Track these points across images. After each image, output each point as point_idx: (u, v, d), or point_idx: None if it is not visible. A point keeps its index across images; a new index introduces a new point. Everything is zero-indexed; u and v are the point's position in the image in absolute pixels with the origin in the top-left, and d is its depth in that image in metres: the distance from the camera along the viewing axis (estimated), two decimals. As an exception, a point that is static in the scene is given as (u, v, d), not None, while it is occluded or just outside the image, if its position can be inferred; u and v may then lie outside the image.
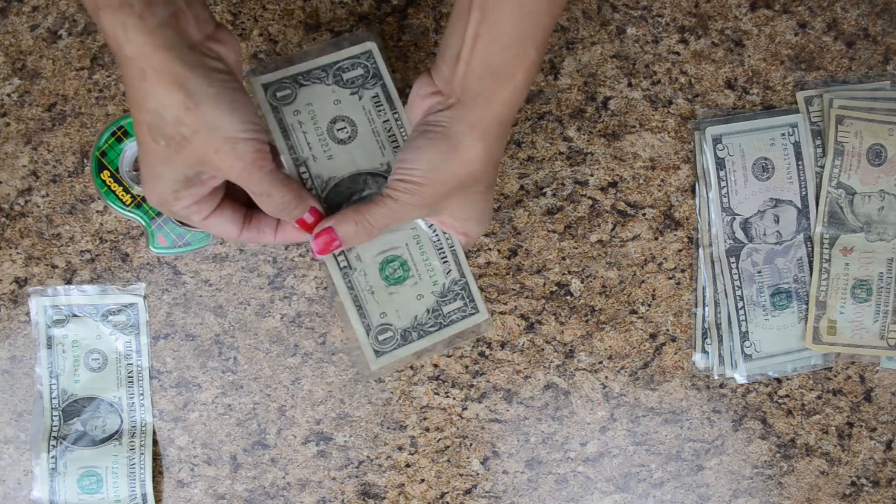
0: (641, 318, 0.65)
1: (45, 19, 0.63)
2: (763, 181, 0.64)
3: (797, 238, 0.64)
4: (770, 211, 0.64)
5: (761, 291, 0.64)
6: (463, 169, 0.47)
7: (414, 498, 0.65)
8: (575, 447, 0.65)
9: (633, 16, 0.64)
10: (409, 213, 0.49)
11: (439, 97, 0.48)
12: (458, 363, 0.64)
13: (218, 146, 0.42)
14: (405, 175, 0.47)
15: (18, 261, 0.63)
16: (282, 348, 0.64)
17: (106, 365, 0.63)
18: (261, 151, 0.44)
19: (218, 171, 0.44)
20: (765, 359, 0.64)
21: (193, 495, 0.64)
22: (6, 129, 0.63)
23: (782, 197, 0.64)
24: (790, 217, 0.64)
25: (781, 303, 0.64)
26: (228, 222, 0.49)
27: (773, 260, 0.64)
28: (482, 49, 0.44)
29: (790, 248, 0.64)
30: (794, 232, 0.64)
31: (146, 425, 0.63)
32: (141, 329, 0.63)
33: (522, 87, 0.46)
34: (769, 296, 0.64)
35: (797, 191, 0.64)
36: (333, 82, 0.53)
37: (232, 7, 0.63)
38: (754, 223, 0.64)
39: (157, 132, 0.42)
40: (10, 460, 0.64)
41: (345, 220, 0.49)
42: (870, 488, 0.66)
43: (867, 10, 0.64)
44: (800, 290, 0.64)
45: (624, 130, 0.64)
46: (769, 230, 0.64)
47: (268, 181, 0.45)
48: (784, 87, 0.64)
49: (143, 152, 0.44)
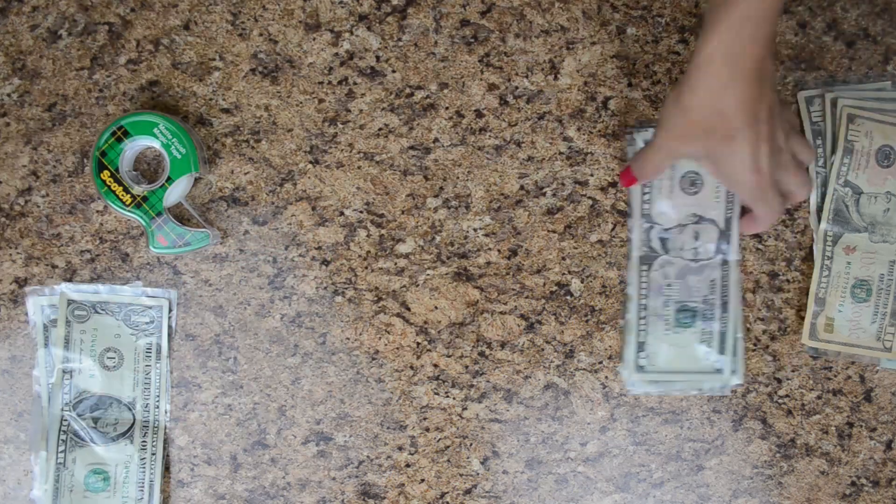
0: (641, 318, 0.65)
1: (45, 19, 0.63)
2: (689, 195, 0.63)
3: (714, 259, 0.63)
4: (691, 226, 0.63)
5: (667, 305, 0.63)
6: (698, 59, 0.49)
7: (414, 498, 0.65)
8: (575, 447, 0.65)
9: (633, 16, 0.64)
10: (673, 144, 0.53)
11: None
12: (458, 363, 0.64)
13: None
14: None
15: (18, 261, 0.63)
16: (282, 348, 0.64)
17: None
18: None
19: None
20: (657, 373, 0.63)
21: (193, 495, 0.64)
22: (6, 129, 0.63)
23: (706, 215, 0.63)
24: (711, 236, 0.63)
25: (685, 321, 0.63)
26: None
27: (686, 276, 0.63)
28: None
29: (705, 267, 0.63)
30: (712, 252, 0.63)
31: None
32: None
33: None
34: (674, 311, 0.63)
35: (722, 211, 0.63)
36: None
37: (232, 7, 0.63)
38: (673, 236, 0.63)
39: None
40: (10, 460, 0.64)
41: (634, 159, 0.57)
42: (870, 488, 0.66)
43: (867, 10, 0.64)
44: (706, 312, 0.63)
45: (624, 130, 0.64)
46: (687, 245, 0.63)
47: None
48: (784, 87, 0.64)
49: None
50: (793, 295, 0.65)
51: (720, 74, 0.48)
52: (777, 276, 0.65)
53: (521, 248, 0.64)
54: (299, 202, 0.64)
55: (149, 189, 0.61)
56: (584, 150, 0.64)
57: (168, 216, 0.61)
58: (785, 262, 0.65)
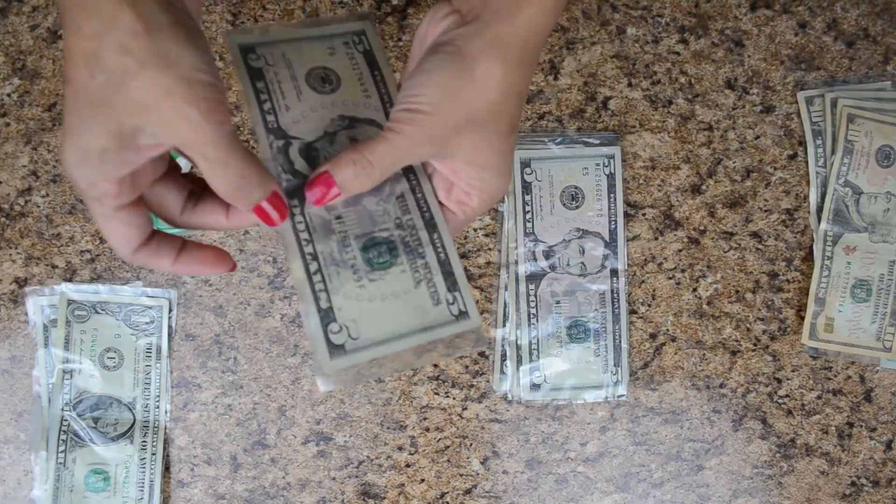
0: (641, 318, 0.65)
1: (45, 19, 0.63)
2: (571, 210, 0.63)
3: (603, 272, 0.63)
4: (576, 241, 0.62)
5: (558, 322, 0.63)
6: (478, 95, 0.39)
7: (414, 498, 0.65)
8: (575, 447, 0.65)
9: (633, 16, 0.64)
10: (414, 148, 0.40)
11: (456, 16, 0.40)
12: (458, 363, 0.64)
13: (170, 86, 0.33)
14: (411, 102, 0.39)
15: (18, 261, 0.63)
16: (282, 348, 0.64)
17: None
18: (221, 104, 0.35)
19: (163, 127, 0.35)
20: (554, 391, 0.63)
21: (193, 495, 0.64)
22: (6, 129, 0.63)
23: (590, 228, 0.63)
24: (596, 249, 0.63)
25: (578, 336, 0.63)
26: (134, 228, 0.38)
27: (575, 292, 0.63)
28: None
29: (594, 280, 0.63)
30: (599, 265, 0.63)
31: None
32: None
33: (552, 6, 0.39)
34: (566, 327, 0.63)
35: (606, 224, 0.63)
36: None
37: (232, 7, 0.63)
38: (558, 252, 0.63)
39: (96, 64, 0.33)
40: (10, 460, 0.64)
41: (342, 163, 0.40)
42: (870, 488, 0.66)
43: (867, 10, 0.64)
44: (598, 327, 0.63)
45: (624, 130, 0.64)
46: (573, 261, 0.62)
47: (226, 144, 0.36)
48: (784, 87, 0.64)
49: (73, 93, 0.35)
50: (793, 295, 0.65)
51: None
52: (777, 276, 0.65)
53: (521, 248, 0.64)
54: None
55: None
56: (584, 150, 0.64)
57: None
58: (785, 262, 0.65)
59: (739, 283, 0.65)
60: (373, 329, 0.40)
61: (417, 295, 0.41)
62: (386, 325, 0.40)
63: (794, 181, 0.65)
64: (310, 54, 0.43)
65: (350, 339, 0.40)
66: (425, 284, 0.42)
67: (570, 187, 0.62)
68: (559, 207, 0.62)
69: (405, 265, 0.41)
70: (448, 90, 0.39)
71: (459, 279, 0.42)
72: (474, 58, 0.39)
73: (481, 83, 0.39)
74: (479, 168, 0.41)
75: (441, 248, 0.42)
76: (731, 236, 0.65)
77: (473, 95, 0.39)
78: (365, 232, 0.42)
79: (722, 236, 0.65)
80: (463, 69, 0.39)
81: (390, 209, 0.42)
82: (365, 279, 0.41)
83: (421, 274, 0.42)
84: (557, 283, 0.62)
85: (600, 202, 0.62)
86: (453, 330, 0.42)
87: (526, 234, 0.62)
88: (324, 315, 0.39)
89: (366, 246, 0.41)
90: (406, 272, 0.41)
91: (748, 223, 0.65)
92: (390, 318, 0.40)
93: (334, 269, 0.41)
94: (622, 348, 0.63)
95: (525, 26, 0.39)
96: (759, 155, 0.65)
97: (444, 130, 0.40)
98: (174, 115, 0.34)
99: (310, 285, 0.40)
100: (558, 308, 0.62)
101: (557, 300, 0.62)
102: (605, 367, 0.63)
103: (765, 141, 0.65)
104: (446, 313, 0.41)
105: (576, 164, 0.62)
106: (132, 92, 0.33)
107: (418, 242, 0.42)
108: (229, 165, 0.36)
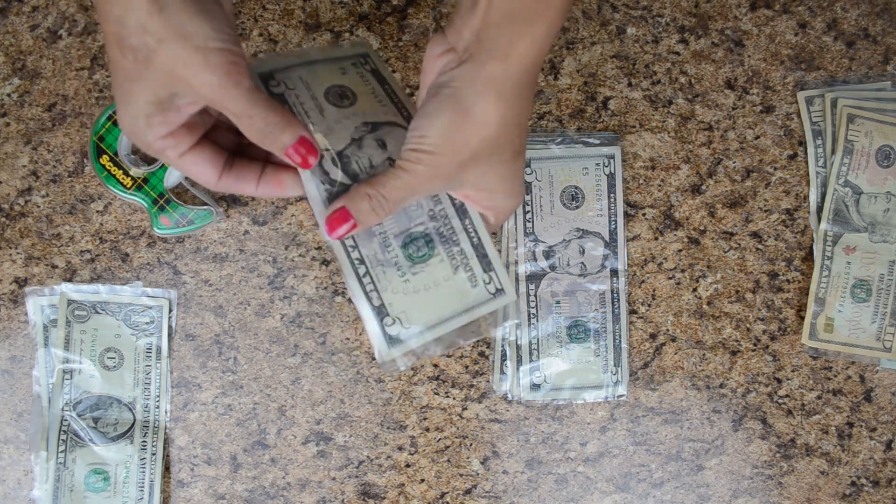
0: (641, 318, 0.65)
1: (45, 19, 0.63)
2: (571, 210, 0.62)
3: (603, 272, 0.63)
4: (576, 241, 0.62)
5: (558, 322, 0.62)
6: (476, 134, 0.42)
7: (414, 498, 0.65)
8: (575, 447, 0.65)
9: (633, 16, 0.64)
10: (424, 185, 0.44)
11: (452, 54, 0.43)
12: (458, 363, 0.64)
13: (187, 57, 0.38)
14: (417, 144, 0.43)
15: (18, 261, 0.63)
16: (282, 348, 0.64)
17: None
18: (236, 64, 0.39)
19: (191, 91, 0.39)
20: (554, 391, 0.63)
21: (193, 495, 0.64)
22: (6, 129, 0.63)
23: (590, 228, 0.63)
24: (596, 249, 0.63)
25: (578, 336, 0.63)
26: (207, 163, 0.44)
27: (575, 292, 0.63)
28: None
29: (594, 280, 0.63)
30: (599, 265, 0.63)
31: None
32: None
33: (544, 38, 0.41)
34: (566, 327, 0.62)
35: (606, 224, 0.63)
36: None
37: (232, 7, 0.63)
38: (558, 252, 0.62)
39: (124, 44, 0.38)
40: (10, 460, 0.64)
41: (357, 197, 0.43)
42: (870, 488, 0.66)
43: (867, 10, 0.64)
44: (598, 327, 0.63)
45: (624, 130, 0.64)
46: (573, 261, 0.62)
47: (246, 99, 0.40)
48: (784, 87, 0.64)
49: (114, 71, 0.40)
50: (793, 295, 0.65)
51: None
52: (777, 276, 0.65)
53: (521, 248, 0.64)
54: (299, 202, 0.64)
55: (149, 171, 0.61)
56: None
57: (170, 195, 0.61)
58: (785, 262, 0.65)
59: (739, 283, 0.65)
60: (422, 317, 0.45)
61: (457, 280, 0.46)
62: (433, 312, 0.46)
63: (794, 181, 0.65)
64: (324, 75, 0.46)
65: (403, 329, 0.45)
66: (462, 269, 0.46)
67: (570, 187, 0.62)
68: (559, 207, 0.62)
69: (442, 255, 0.46)
70: (449, 132, 0.42)
71: (493, 259, 0.46)
72: (471, 99, 0.41)
73: (480, 122, 0.41)
74: (488, 192, 0.45)
75: (473, 232, 0.46)
76: (731, 236, 0.65)
77: (473, 134, 0.42)
78: (402, 230, 0.46)
79: (722, 236, 0.65)
80: (461, 112, 0.41)
81: (423, 201, 0.46)
82: (408, 273, 0.46)
83: (458, 260, 0.46)
84: (557, 283, 0.62)
85: (600, 202, 0.62)
86: (492, 307, 0.47)
87: (526, 234, 0.62)
88: (377, 311, 0.45)
89: (405, 243, 0.46)
90: (444, 261, 0.46)
91: (748, 223, 0.65)
92: (436, 305, 0.46)
93: (380, 269, 0.45)
94: (622, 348, 0.63)
95: (518, 62, 0.41)
96: (759, 155, 0.65)
97: (449, 168, 0.43)
98: (196, 81, 0.38)
99: (361, 287, 0.45)
100: (558, 308, 0.62)
101: (557, 300, 0.62)
102: (605, 367, 0.63)
103: (765, 141, 0.65)
104: (484, 293, 0.46)
105: (576, 164, 0.63)
106: (157, 66, 0.38)
107: (451, 231, 0.46)
108: (253, 116, 0.41)
